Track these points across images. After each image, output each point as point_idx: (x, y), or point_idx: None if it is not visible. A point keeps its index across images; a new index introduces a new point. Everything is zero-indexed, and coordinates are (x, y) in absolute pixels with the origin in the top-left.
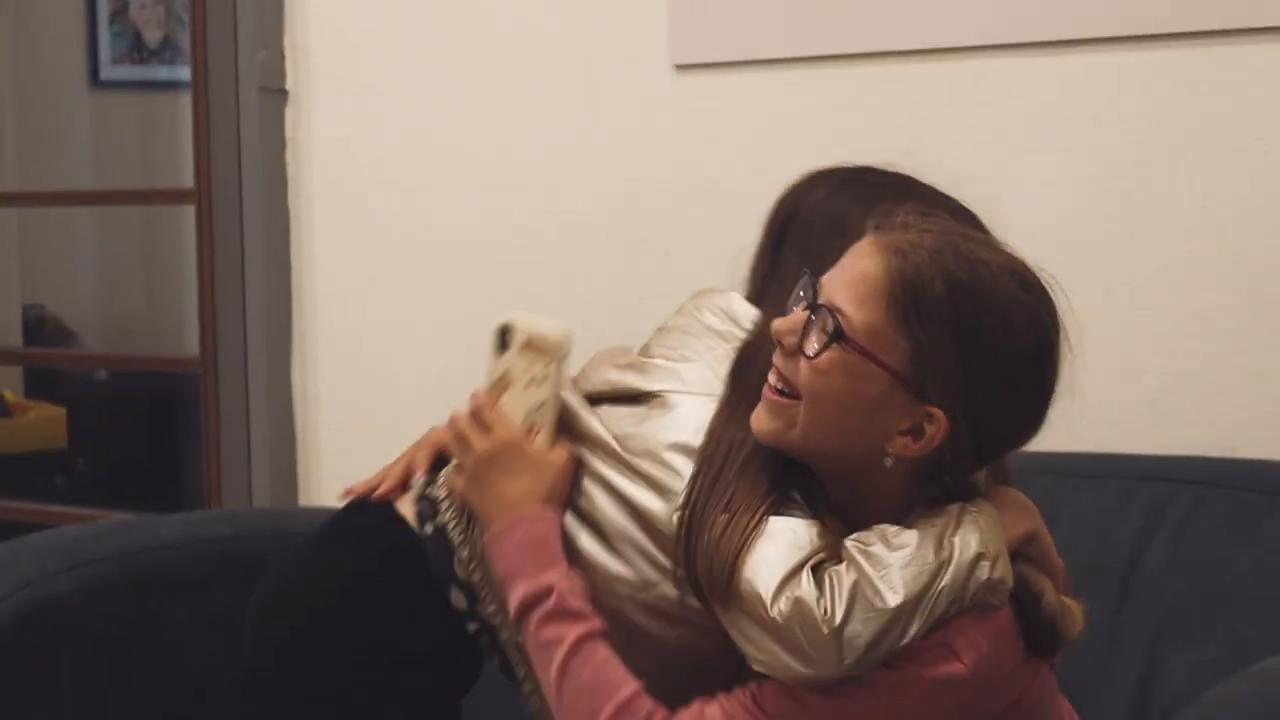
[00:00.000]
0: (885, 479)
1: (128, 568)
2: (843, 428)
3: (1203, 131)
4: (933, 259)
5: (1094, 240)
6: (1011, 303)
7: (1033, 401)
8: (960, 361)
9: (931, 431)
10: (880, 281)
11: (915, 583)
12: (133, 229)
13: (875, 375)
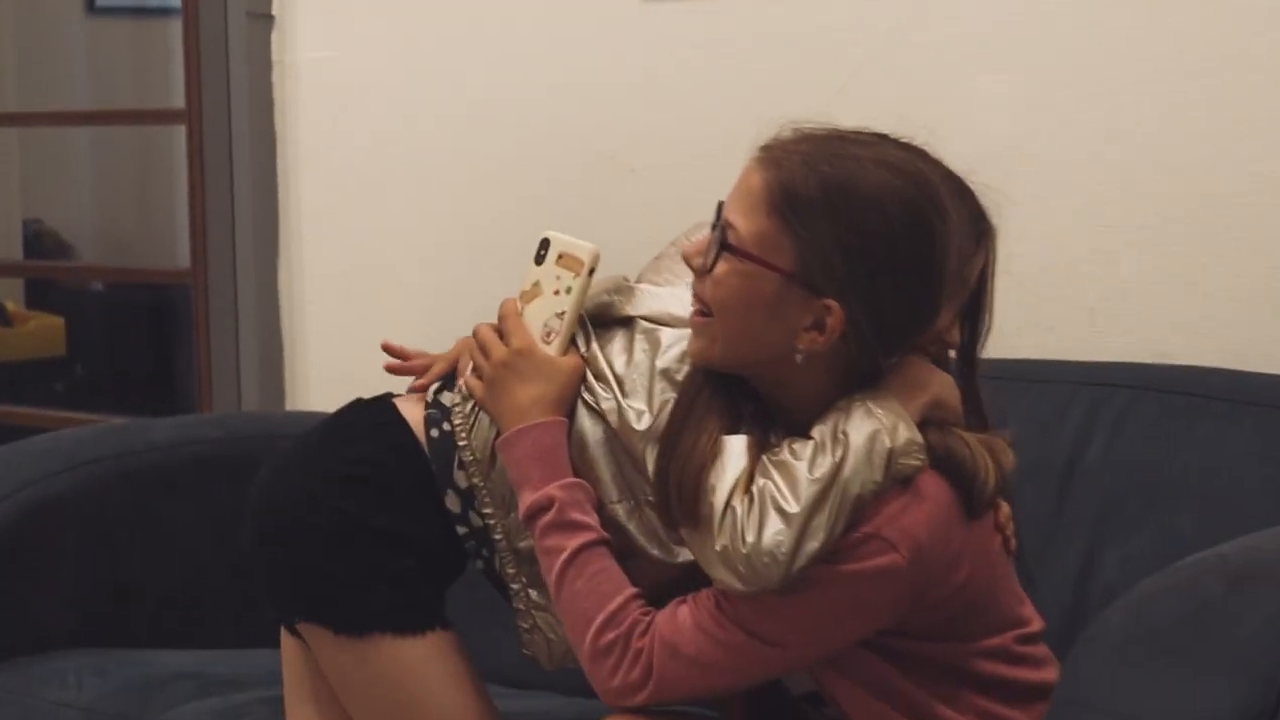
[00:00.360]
0: (806, 377)
1: (123, 468)
2: (751, 333)
3: (1134, 46)
4: (805, 161)
5: (1034, 158)
6: (882, 190)
7: (919, 281)
8: (842, 252)
9: (831, 323)
10: (760, 191)
11: (819, 482)
12: (127, 148)
13: (768, 277)
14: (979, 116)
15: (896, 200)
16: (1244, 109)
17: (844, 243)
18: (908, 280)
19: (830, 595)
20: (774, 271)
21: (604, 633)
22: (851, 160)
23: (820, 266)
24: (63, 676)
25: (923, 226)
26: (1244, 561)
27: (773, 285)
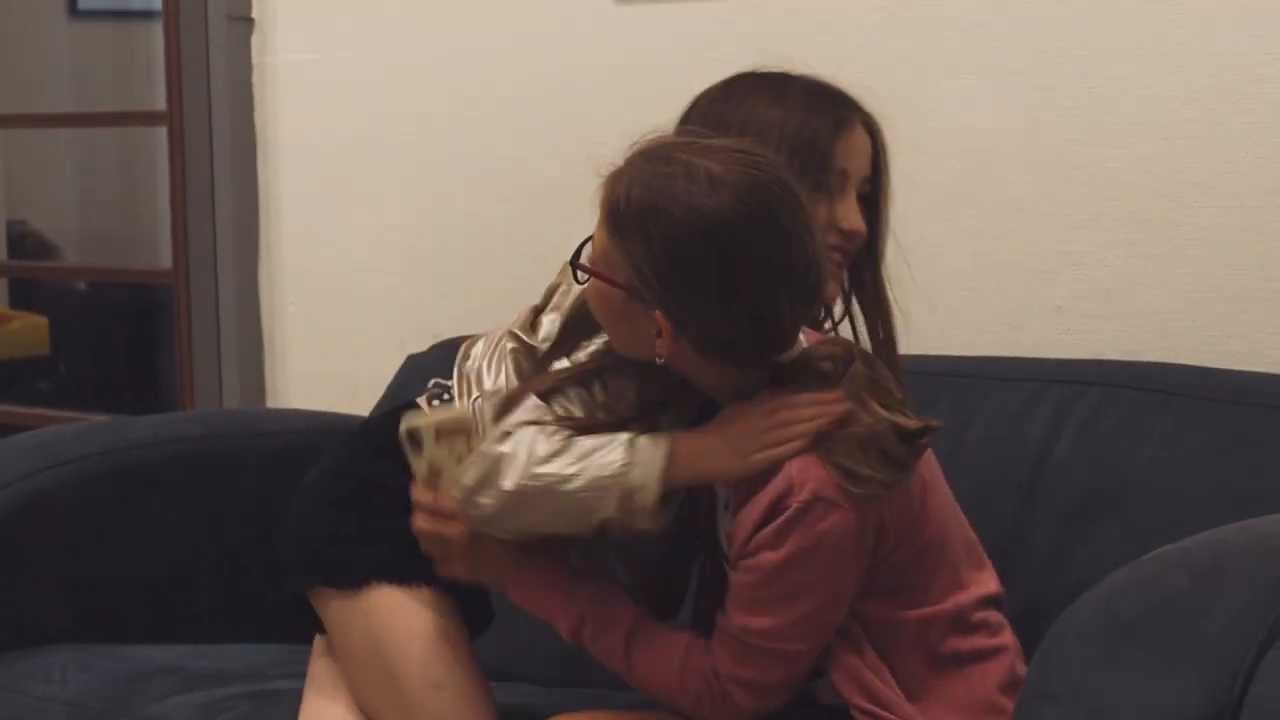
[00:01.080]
0: (701, 376)
1: (107, 464)
2: (623, 340)
3: (1105, 49)
4: (627, 176)
5: (1005, 158)
6: (687, 204)
7: (738, 288)
8: (654, 266)
9: (664, 331)
10: (602, 208)
11: (539, 480)
12: (109, 149)
13: (611, 291)
14: (953, 117)
15: (692, 211)
16: (1210, 110)
17: (655, 258)
18: (709, 290)
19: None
20: (613, 286)
21: (686, 693)
22: (666, 177)
23: (641, 280)
24: (48, 671)
25: (717, 240)
26: (1208, 555)
27: (618, 298)
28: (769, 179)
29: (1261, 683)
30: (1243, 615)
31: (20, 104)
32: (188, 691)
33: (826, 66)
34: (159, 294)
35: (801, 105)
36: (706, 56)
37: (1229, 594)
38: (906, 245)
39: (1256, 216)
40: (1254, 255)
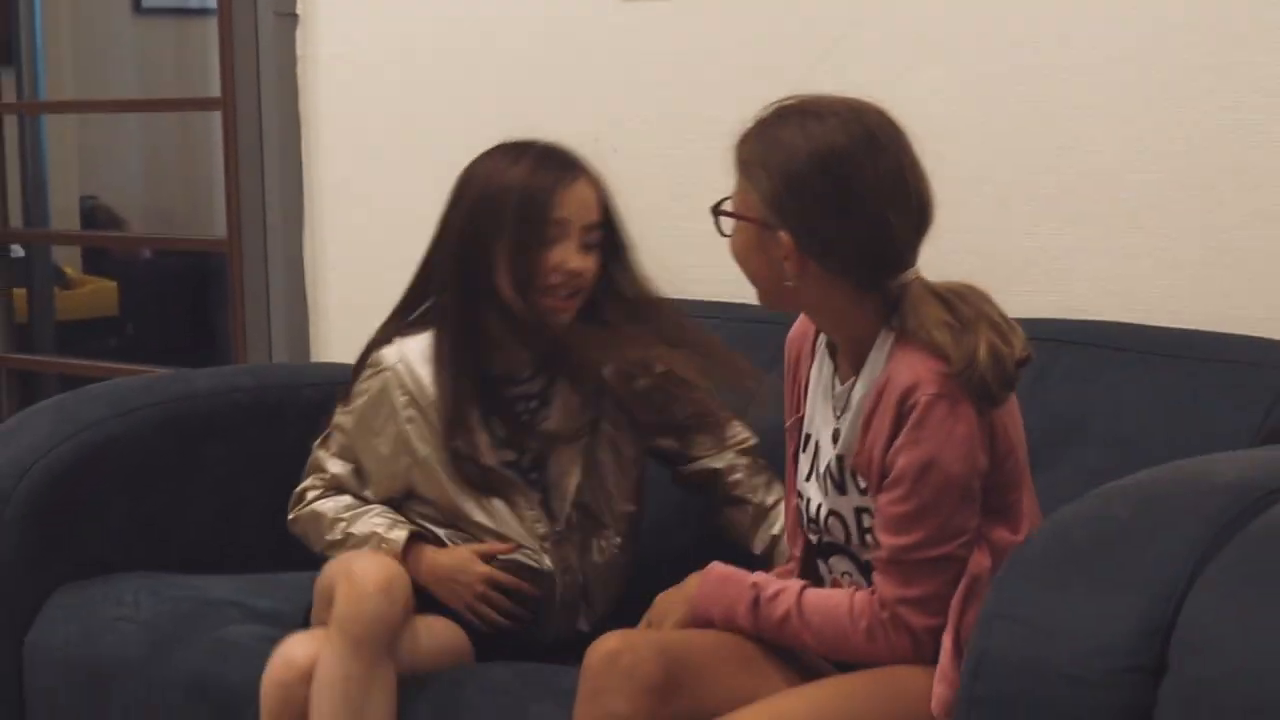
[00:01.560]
0: (826, 301)
1: (168, 413)
2: (759, 273)
3: (1055, 39)
4: (753, 134)
5: (967, 139)
6: (796, 136)
7: (841, 203)
8: (774, 192)
9: (787, 250)
10: (734, 162)
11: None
12: (170, 132)
13: (745, 228)
14: (920, 104)
15: (811, 142)
16: (1152, 95)
17: (775, 186)
18: (829, 205)
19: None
20: (745, 220)
21: (859, 630)
22: (779, 119)
23: (767, 207)
24: (120, 596)
25: (834, 162)
26: (1147, 491)
27: (752, 231)
28: (870, 109)
29: (1193, 605)
30: (1177, 545)
31: (91, 91)
32: (247, 623)
33: (809, 57)
34: (215, 261)
35: (530, 166)
36: (702, 48)
37: (1165, 526)
38: None
39: (1196, 191)
40: (1189, 227)
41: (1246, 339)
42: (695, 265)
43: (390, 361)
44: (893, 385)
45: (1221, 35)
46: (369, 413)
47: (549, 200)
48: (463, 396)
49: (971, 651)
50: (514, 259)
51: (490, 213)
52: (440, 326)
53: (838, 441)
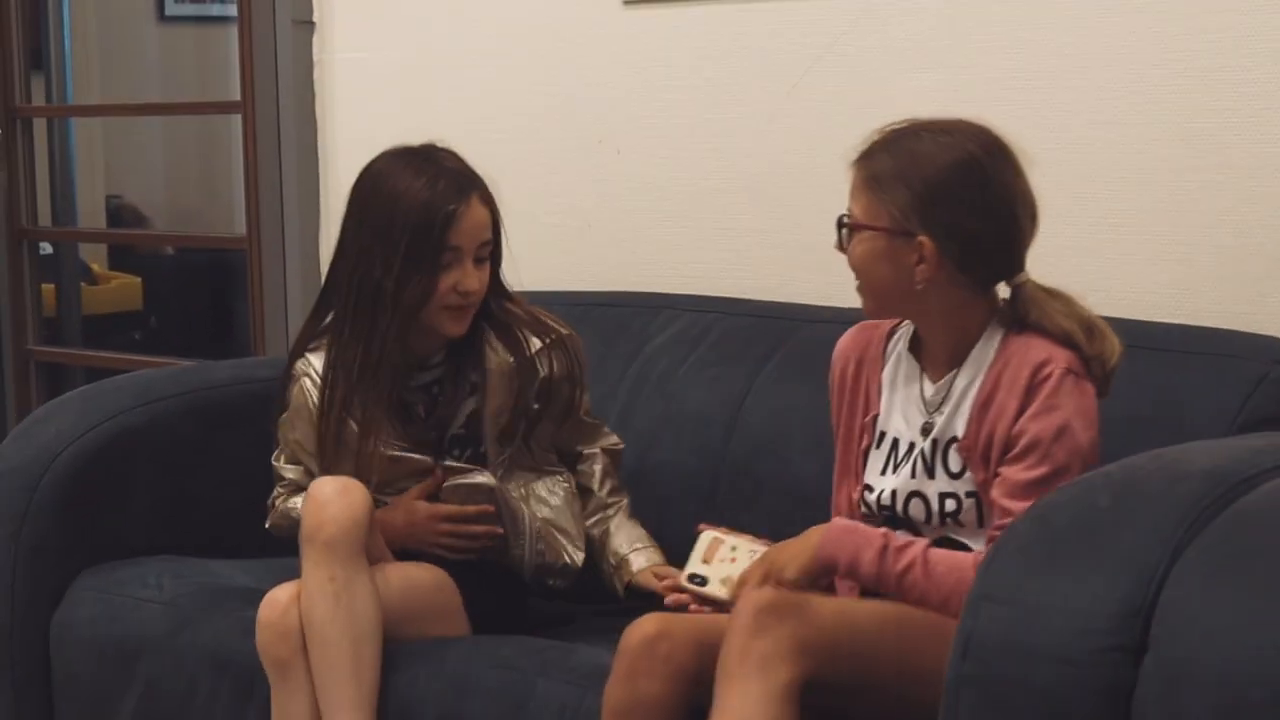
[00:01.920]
0: (945, 300)
1: (191, 403)
2: (884, 281)
3: (1039, 48)
4: (882, 149)
5: None
6: (935, 144)
7: (983, 204)
8: (915, 200)
9: (927, 252)
10: (857, 181)
11: None
12: (192, 134)
13: (876, 236)
14: (913, 108)
15: (945, 152)
16: (1140, 99)
17: (918, 196)
18: (972, 207)
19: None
20: (878, 231)
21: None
22: (911, 136)
23: (905, 216)
24: (144, 578)
25: (971, 167)
26: (1127, 477)
27: (882, 241)
28: (985, 129)
29: (1172, 587)
30: (1157, 528)
31: (117, 96)
32: None
33: (805, 61)
34: (235, 258)
35: (429, 188)
36: (703, 52)
37: (1144, 512)
38: None
39: (1177, 190)
40: (1170, 225)
41: (1222, 332)
42: (693, 262)
43: (299, 371)
44: (1018, 364)
45: (1215, 40)
46: (295, 419)
47: (446, 227)
48: (353, 389)
49: (959, 633)
50: (409, 279)
51: (385, 231)
52: (336, 336)
53: (929, 432)
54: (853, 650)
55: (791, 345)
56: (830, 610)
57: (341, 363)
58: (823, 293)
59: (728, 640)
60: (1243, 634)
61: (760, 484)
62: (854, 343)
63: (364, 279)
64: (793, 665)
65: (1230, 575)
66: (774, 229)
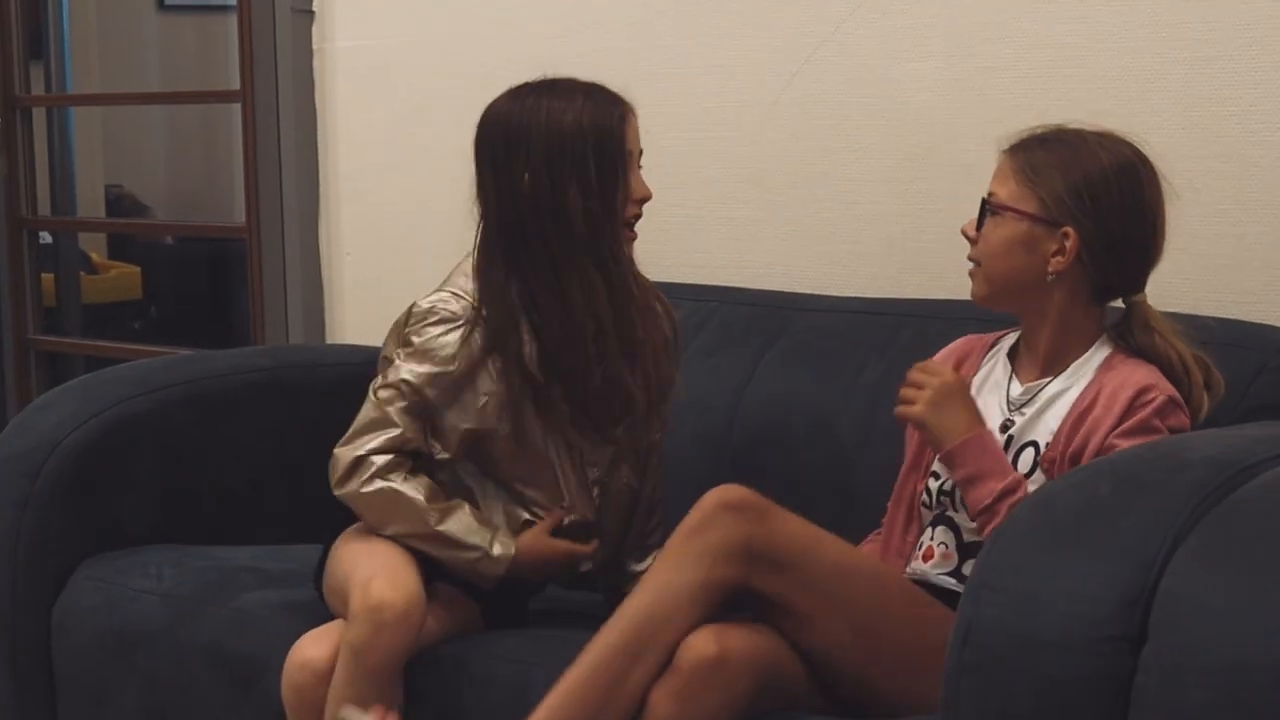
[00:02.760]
0: (1062, 302)
1: (191, 392)
2: (1014, 266)
3: (1035, 37)
4: (1038, 142)
5: (961, 130)
6: (1096, 148)
7: (1134, 211)
8: (1071, 192)
9: (1070, 245)
10: (1009, 167)
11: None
12: (192, 123)
13: (1020, 221)
14: (913, 96)
15: (1107, 153)
16: (1140, 87)
17: (1075, 186)
18: (1125, 208)
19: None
20: (1023, 215)
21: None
22: (1072, 134)
23: (1056, 205)
24: (144, 567)
25: (1131, 173)
26: (1128, 466)
27: (1024, 226)
28: (1138, 149)
29: (1172, 575)
30: (1157, 516)
31: (117, 84)
32: (265, 588)
33: (805, 49)
34: (234, 247)
35: (588, 103)
36: (705, 42)
37: (1144, 501)
38: (868, 204)
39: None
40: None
41: (1223, 321)
42: (694, 250)
43: (468, 314)
44: (1121, 384)
45: (1210, 27)
46: (451, 366)
47: (622, 133)
48: (578, 347)
49: (959, 619)
50: (597, 193)
51: (564, 154)
52: (528, 280)
53: (1008, 429)
54: (807, 578)
55: (793, 333)
56: (796, 531)
57: (550, 326)
58: (823, 281)
59: (686, 518)
60: (1243, 621)
61: (763, 472)
62: (956, 349)
63: (552, 216)
64: (731, 567)
65: (1230, 563)
66: (775, 217)
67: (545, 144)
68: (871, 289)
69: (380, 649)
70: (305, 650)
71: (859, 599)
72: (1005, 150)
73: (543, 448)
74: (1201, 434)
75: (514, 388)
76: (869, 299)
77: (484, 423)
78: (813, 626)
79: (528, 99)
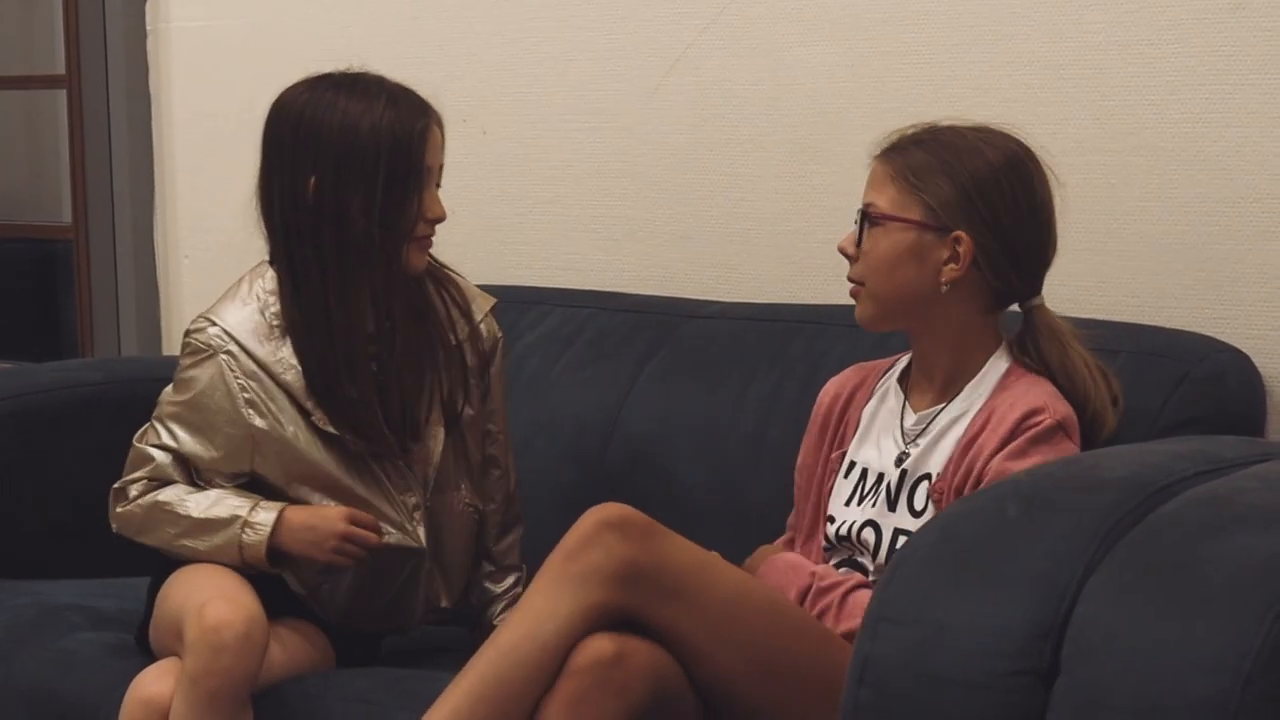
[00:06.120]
0: (957, 311)
1: (10, 409)
2: (903, 281)
3: (936, 18)
4: (914, 142)
5: (856, 116)
6: (978, 143)
7: (1028, 207)
8: (959, 193)
9: (963, 250)
10: (885, 173)
11: None
12: (11, 111)
13: (906, 230)
14: (806, 82)
15: (991, 149)
16: (1048, 75)
17: (962, 189)
18: (1018, 206)
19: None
20: (909, 224)
21: None
22: (949, 132)
23: (944, 209)
24: None
25: (1019, 168)
26: (1037, 486)
27: (911, 235)
28: (1017, 136)
29: (1085, 603)
30: (1069, 541)
31: None
32: (97, 629)
33: (689, 32)
34: (61, 248)
35: (390, 110)
36: (578, 28)
37: (1056, 522)
38: (758, 201)
39: (1094, 174)
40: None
41: (1141, 327)
42: (566, 253)
43: (218, 344)
44: (1011, 405)
45: (1128, 11)
46: (203, 400)
47: (421, 148)
48: (332, 365)
49: (855, 655)
50: (383, 209)
51: (351, 163)
52: (296, 290)
53: (902, 463)
54: (697, 606)
55: (674, 343)
56: (685, 555)
57: (312, 341)
58: (708, 286)
59: (563, 540)
60: (1160, 654)
61: (642, 496)
62: (847, 380)
63: (333, 224)
64: (614, 591)
65: (1147, 592)
66: (654, 217)
67: (335, 147)
68: (761, 294)
69: (220, 673)
70: (146, 686)
71: (753, 629)
72: (878, 155)
73: (339, 477)
74: (1116, 450)
75: (285, 422)
76: (758, 304)
77: (260, 465)
78: (703, 656)
79: (325, 93)
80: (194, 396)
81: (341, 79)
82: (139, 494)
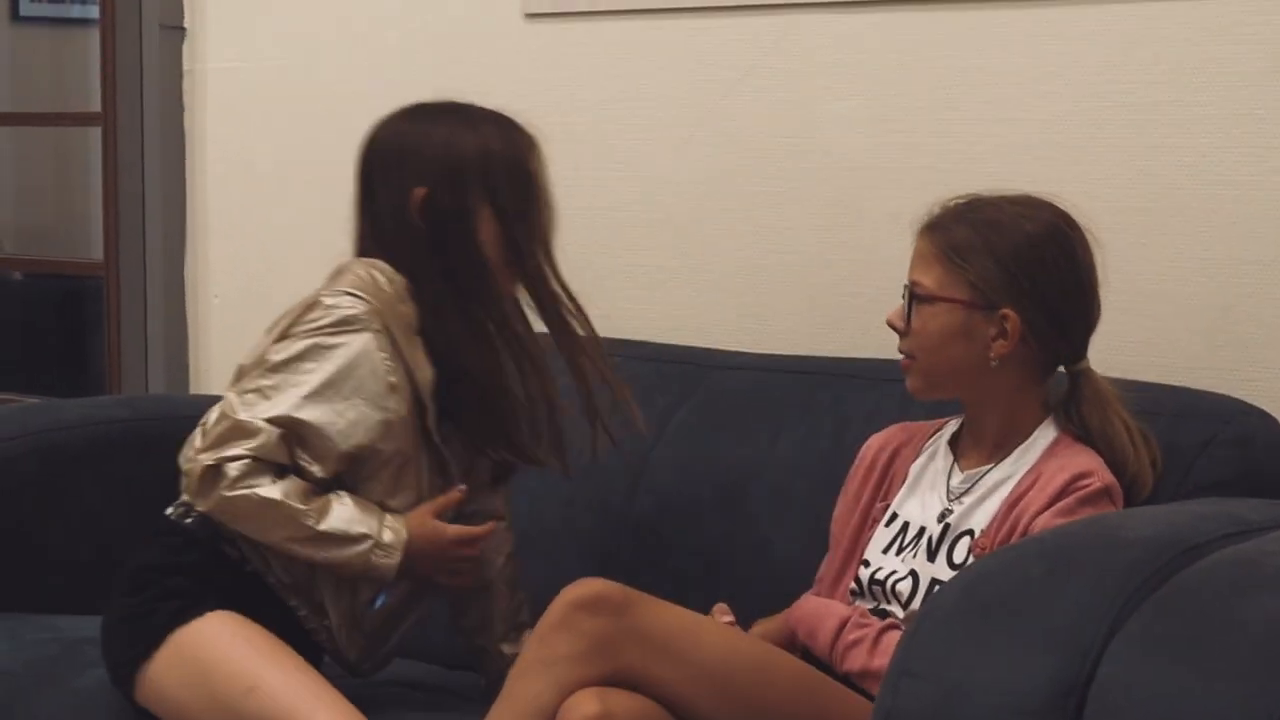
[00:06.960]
0: (1006, 384)
1: (36, 444)
2: (953, 358)
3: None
4: (956, 218)
5: (881, 170)
6: (1018, 217)
7: (1072, 278)
8: (1001, 270)
9: (1010, 326)
10: (929, 250)
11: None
12: (47, 148)
13: (953, 309)
14: (837, 135)
15: (1031, 222)
16: (1066, 133)
17: (1005, 266)
18: (1062, 277)
19: None
20: (956, 303)
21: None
22: (989, 206)
23: (989, 287)
24: None
25: (1060, 238)
26: (1061, 545)
27: (959, 315)
28: (1054, 203)
29: (1110, 663)
30: (1093, 600)
31: None
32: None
33: (722, 85)
34: (91, 284)
35: (497, 129)
36: (612, 73)
37: (1079, 583)
38: (786, 253)
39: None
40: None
41: (1166, 388)
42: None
43: (368, 320)
44: (1059, 467)
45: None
46: (348, 371)
47: (535, 163)
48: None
49: (877, 711)
50: (506, 229)
51: (470, 183)
52: (440, 308)
53: (945, 518)
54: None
55: (704, 391)
56: (671, 619)
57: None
58: (737, 336)
59: (544, 614)
60: (1185, 714)
61: (668, 546)
62: (892, 436)
63: (450, 242)
64: (586, 667)
65: (1172, 652)
66: (683, 267)
67: (448, 168)
68: (790, 345)
69: None
70: None
71: (748, 684)
72: (920, 230)
73: (419, 476)
74: (1142, 511)
75: (412, 411)
76: (787, 356)
77: (376, 440)
78: (699, 709)
79: (420, 114)
80: (339, 367)
81: (441, 106)
82: (239, 475)
